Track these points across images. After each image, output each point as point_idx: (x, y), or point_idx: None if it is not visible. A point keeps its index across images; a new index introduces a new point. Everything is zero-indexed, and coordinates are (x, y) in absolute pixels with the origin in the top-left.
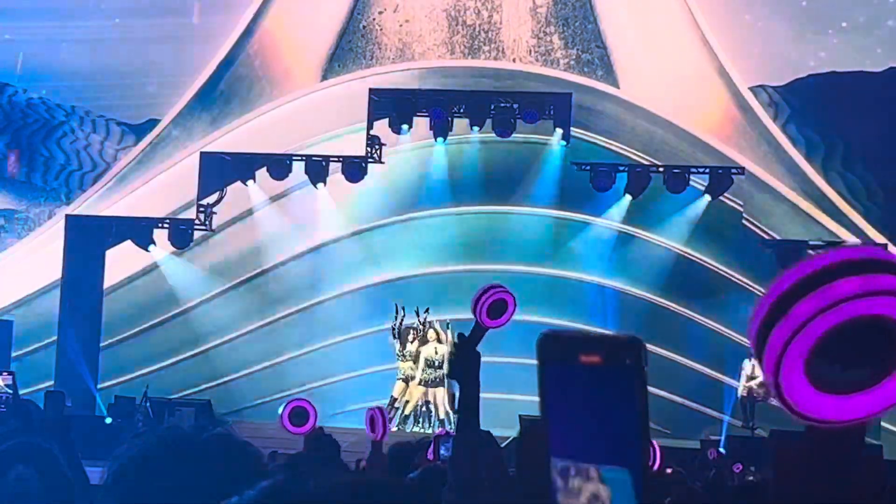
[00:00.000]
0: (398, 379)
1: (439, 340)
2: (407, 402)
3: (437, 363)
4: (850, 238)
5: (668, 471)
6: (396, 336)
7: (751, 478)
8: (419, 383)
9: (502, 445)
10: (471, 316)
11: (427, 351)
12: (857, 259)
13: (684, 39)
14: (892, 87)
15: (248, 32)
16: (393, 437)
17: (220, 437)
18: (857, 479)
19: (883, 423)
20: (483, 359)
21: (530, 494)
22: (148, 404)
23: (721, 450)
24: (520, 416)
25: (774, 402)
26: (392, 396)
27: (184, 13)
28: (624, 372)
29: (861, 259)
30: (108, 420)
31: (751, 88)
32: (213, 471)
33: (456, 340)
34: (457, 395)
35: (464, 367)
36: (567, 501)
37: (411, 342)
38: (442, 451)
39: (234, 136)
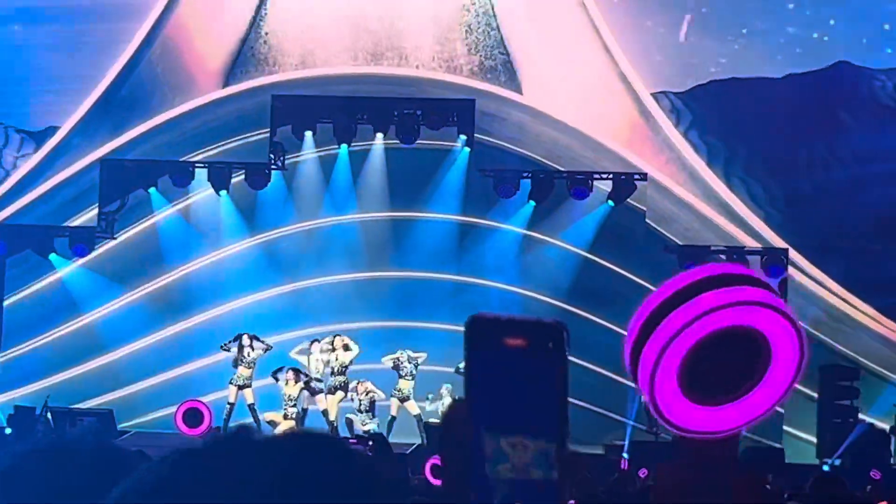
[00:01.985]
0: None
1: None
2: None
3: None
4: (751, 243)
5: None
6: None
7: (651, 483)
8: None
9: (407, 452)
10: (372, 323)
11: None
12: (719, 274)
13: (586, 46)
14: (792, 93)
15: (150, 39)
16: None
17: (98, 446)
18: (734, 491)
19: (785, 427)
20: (383, 366)
21: (455, 475)
22: (49, 414)
23: (624, 454)
24: (425, 423)
25: None
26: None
27: (84, 20)
28: (547, 355)
29: (723, 274)
30: (8, 430)
31: (653, 95)
32: (88, 481)
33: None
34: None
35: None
36: (494, 473)
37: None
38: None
39: (136, 143)
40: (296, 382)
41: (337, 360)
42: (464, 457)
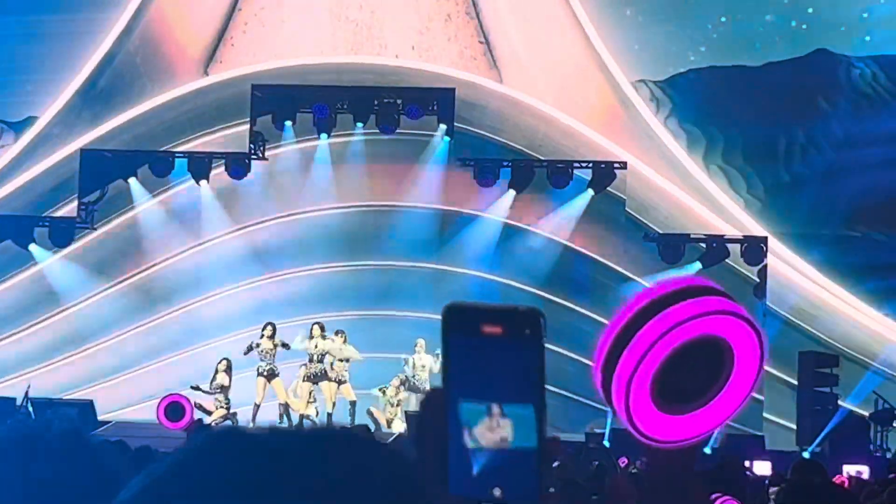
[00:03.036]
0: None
1: (323, 337)
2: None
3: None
4: (731, 231)
5: (556, 464)
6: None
7: (634, 470)
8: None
9: (389, 440)
10: (353, 312)
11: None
12: (682, 287)
13: (566, 35)
14: (771, 81)
15: (130, 29)
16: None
17: (69, 433)
18: (689, 496)
19: (765, 415)
20: (366, 355)
21: (432, 458)
22: (29, 404)
23: (605, 443)
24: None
25: None
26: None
27: (63, 9)
28: (524, 342)
29: (686, 287)
30: None
31: (632, 83)
32: (57, 469)
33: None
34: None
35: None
36: (471, 449)
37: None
38: None
39: (115, 133)
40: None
41: (316, 347)
42: (441, 441)
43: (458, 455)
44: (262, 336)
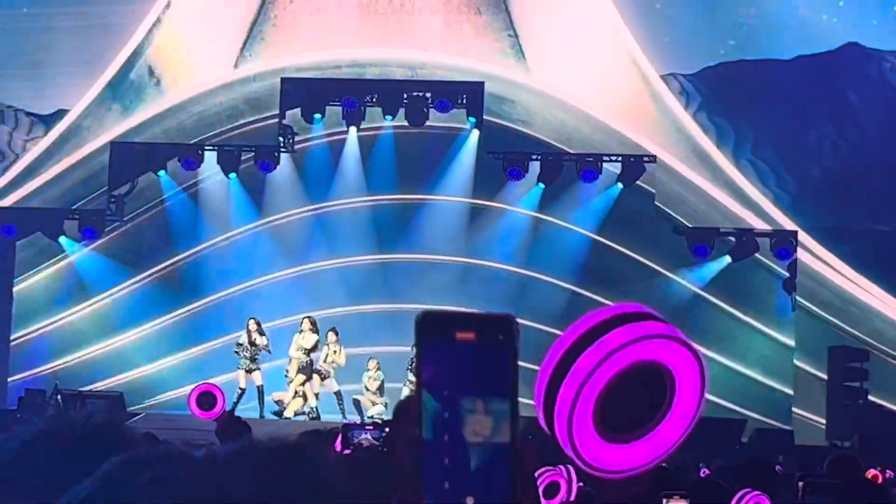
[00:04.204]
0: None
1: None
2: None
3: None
4: (760, 225)
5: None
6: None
7: (663, 465)
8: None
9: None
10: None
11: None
12: (619, 314)
13: (596, 28)
14: (801, 74)
15: (159, 22)
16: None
17: (107, 426)
18: None
19: (795, 409)
20: (393, 348)
21: (405, 468)
22: (59, 397)
23: None
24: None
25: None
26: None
27: (93, 2)
28: (497, 347)
29: (623, 313)
30: (19, 414)
31: (662, 77)
32: (96, 463)
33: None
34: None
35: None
36: (435, 457)
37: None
38: (350, 438)
39: (145, 126)
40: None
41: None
42: (413, 449)
43: (430, 463)
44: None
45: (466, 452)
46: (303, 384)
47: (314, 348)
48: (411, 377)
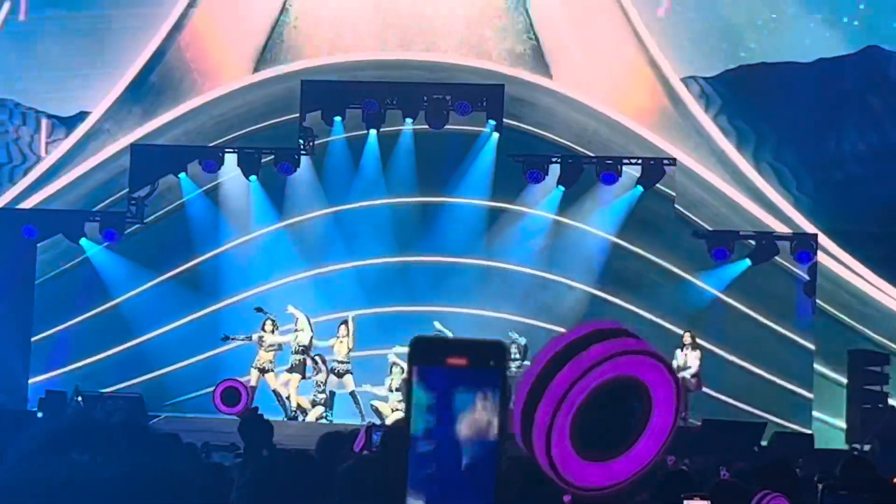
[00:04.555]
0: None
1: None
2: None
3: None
4: (780, 228)
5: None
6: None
7: (683, 467)
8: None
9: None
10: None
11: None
12: (594, 330)
13: (616, 31)
14: (822, 78)
15: (179, 24)
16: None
17: (129, 423)
18: None
19: (815, 413)
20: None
21: (393, 488)
22: (79, 398)
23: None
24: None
25: (706, 391)
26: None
27: (114, 5)
28: (488, 373)
29: (597, 330)
30: (40, 415)
31: (682, 80)
32: (119, 457)
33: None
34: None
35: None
36: (425, 477)
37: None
38: (375, 440)
39: (166, 129)
40: (325, 365)
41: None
42: (401, 470)
43: (416, 484)
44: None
45: (455, 475)
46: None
47: (309, 346)
48: (389, 378)
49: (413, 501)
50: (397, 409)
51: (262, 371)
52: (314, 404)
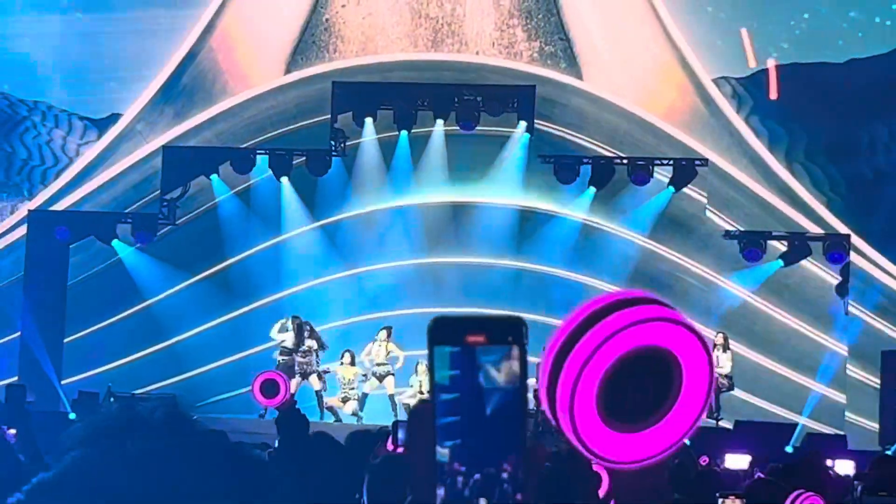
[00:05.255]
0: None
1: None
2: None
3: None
4: (813, 229)
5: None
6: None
7: (716, 468)
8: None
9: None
10: (432, 309)
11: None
12: (617, 300)
13: (647, 31)
14: (854, 78)
15: (211, 26)
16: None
17: (174, 417)
18: None
19: (847, 414)
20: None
21: (419, 467)
22: (112, 400)
23: (686, 441)
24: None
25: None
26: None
27: (146, 7)
28: (507, 349)
29: (621, 299)
30: (72, 416)
31: (714, 80)
32: (163, 451)
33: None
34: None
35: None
36: (449, 458)
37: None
38: (401, 435)
39: (197, 130)
40: (352, 365)
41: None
42: (429, 451)
43: (444, 465)
44: (343, 365)
45: (480, 454)
46: None
47: (296, 348)
48: (416, 379)
49: (442, 478)
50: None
51: (304, 376)
52: (345, 400)
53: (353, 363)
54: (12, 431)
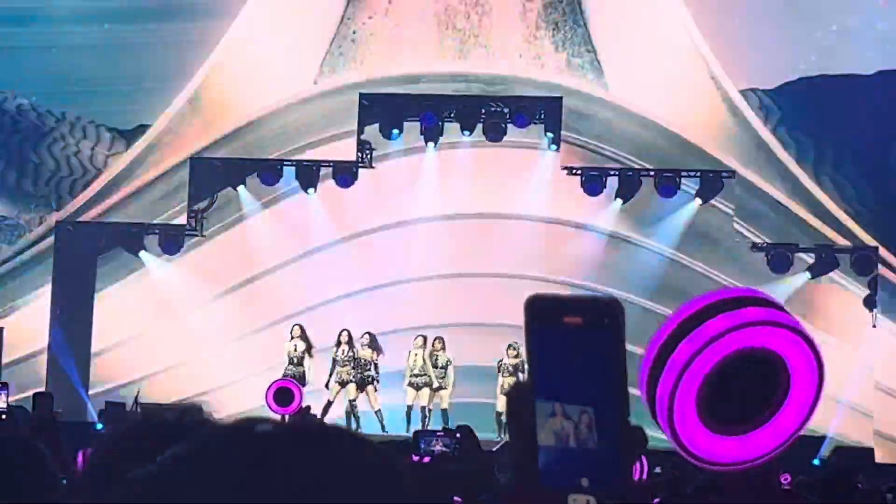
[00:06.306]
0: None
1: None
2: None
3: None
4: (841, 241)
5: (658, 469)
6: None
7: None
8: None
9: (493, 449)
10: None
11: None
12: (722, 300)
13: (674, 43)
14: (882, 90)
15: (238, 38)
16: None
17: (205, 423)
18: None
19: (875, 427)
20: (471, 364)
21: (520, 449)
22: (139, 410)
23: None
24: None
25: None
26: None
27: (174, 19)
28: (604, 331)
29: (726, 299)
30: (99, 426)
31: (741, 92)
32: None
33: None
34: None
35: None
36: (556, 444)
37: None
38: (422, 446)
39: (225, 142)
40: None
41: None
42: (529, 432)
43: (545, 446)
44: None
45: (578, 435)
46: None
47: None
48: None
49: (543, 459)
50: None
51: (342, 384)
52: (343, 384)
53: (350, 343)
54: None
